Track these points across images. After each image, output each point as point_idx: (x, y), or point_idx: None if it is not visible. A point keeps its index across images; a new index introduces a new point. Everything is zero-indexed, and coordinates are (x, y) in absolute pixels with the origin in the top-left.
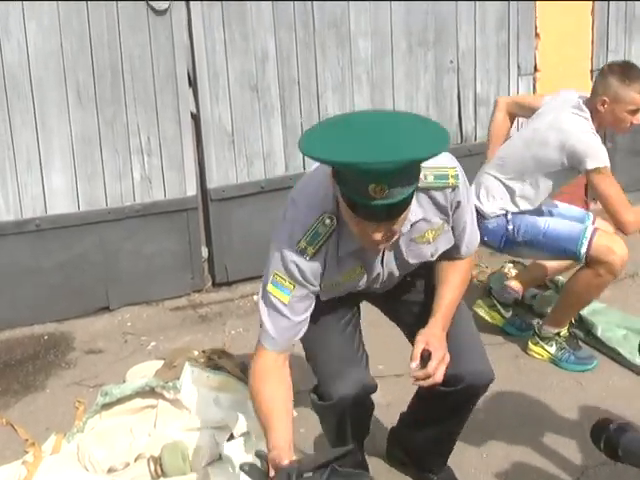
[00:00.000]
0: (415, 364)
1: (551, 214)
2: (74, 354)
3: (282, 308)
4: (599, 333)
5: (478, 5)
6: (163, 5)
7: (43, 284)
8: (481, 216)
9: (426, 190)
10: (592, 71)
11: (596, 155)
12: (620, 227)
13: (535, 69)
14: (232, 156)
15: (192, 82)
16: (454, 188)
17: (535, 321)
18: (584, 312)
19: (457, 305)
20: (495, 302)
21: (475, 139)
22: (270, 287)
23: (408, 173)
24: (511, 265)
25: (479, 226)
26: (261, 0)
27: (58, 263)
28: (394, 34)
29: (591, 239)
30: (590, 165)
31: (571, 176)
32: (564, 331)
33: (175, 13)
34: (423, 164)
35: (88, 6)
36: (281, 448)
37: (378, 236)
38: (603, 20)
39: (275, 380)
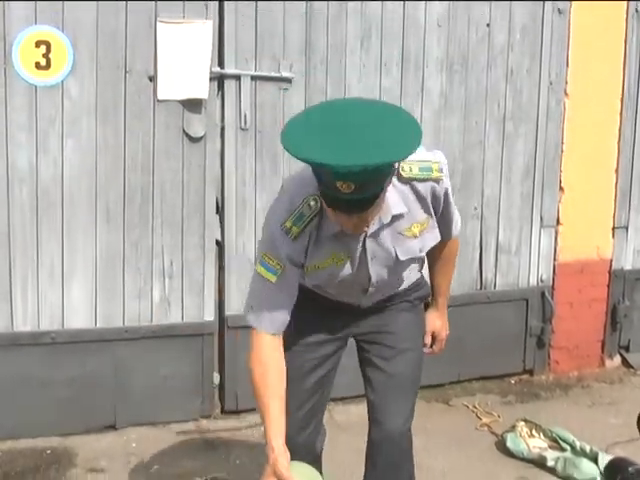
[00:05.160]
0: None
1: None
2: (75, 471)
3: (270, 287)
4: None
5: (505, 155)
6: (199, 133)
7: (52, 397)
8: None
9: (410, 181)
10: (614, 228)
11: None
12: None
13: (558, 222)
14: None
15: (220, 210)
16: (438, 181)
17: None
18: None
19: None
20: None
21: (494, 287)
22: (259, 268)
23: (375, 174)
24: (523, 423)
25: None
26: None
27: (69, 377)
28: None
29: None
30: None
31: None
32: None
33: (210, 142)
34: (408, 158)
35: (126, 129)
36: (279, 451)
37: (350, 224)
38: (627, 178)
39: (273, 371)
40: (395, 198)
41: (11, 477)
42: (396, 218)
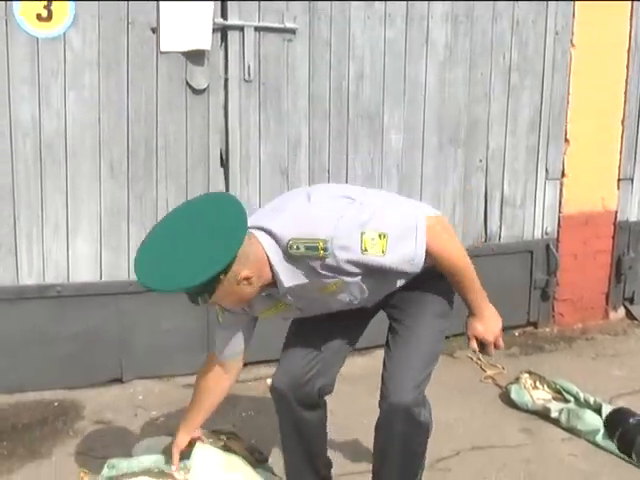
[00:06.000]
0: (476, 351)
1: None
2: (83, 423)
3: (219, 324)
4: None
5: (510, 107)
6: (202, 85)
7: (58, 350)
8: None
9: (301, 257)
10: (619, 180)
11: None
12: None
13: (563, 174)
14: None
15: (224, 162)
16: (323, 259)
17: None
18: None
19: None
20: None
21: (499, 239)
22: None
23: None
24: (527, 375)
25: None
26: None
27: (75, 331)
28: (426, 129)
29: None
30: None
31: None
32: None
33: (213, 93)
34: (294, 236)
35: (129, 81)
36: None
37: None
38: (633, 130)
39: (209, 388)
40: (287, 273)
41: (19, 429)
42: (293, 288)
